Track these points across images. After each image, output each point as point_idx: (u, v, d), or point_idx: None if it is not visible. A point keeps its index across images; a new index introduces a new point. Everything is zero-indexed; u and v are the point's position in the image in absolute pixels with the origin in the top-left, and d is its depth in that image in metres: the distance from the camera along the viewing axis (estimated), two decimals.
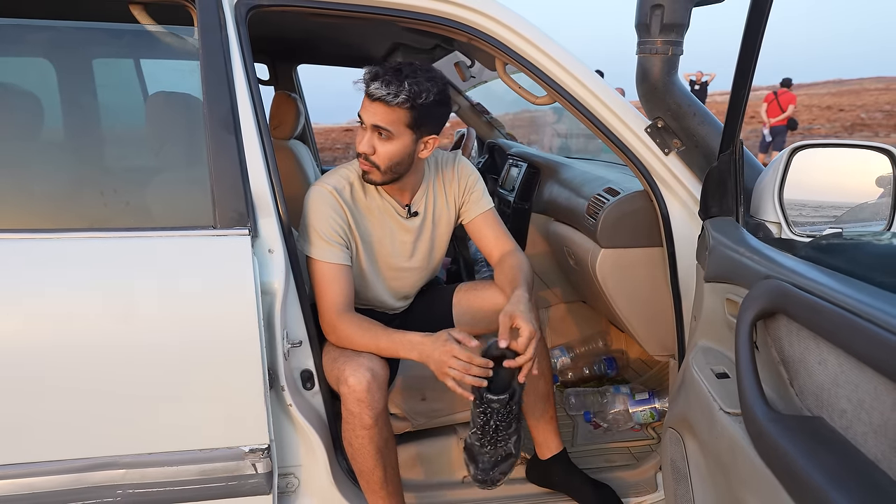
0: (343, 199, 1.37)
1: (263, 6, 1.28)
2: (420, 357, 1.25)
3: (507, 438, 1.29)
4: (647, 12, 1.26)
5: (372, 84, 1.27)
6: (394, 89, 1.26)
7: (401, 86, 1.26)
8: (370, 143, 1.31)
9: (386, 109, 1.28)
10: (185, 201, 1.29)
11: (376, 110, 1.28)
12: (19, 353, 1.10)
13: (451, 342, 1.21)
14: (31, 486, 1.14)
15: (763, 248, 1.01)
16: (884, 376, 0.64)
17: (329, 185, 1.37)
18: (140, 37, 1.43)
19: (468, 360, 1.19)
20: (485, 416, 1.25)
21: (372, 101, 1.28)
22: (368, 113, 1.30)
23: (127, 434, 1.17)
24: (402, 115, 1.29)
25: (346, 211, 1.37)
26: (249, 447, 1.21)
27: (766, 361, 0.91)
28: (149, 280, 1.16)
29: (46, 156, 1.37)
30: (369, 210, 1.43)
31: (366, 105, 1.30)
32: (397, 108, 1.27)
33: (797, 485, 0.72)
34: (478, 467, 1.31)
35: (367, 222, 1.43)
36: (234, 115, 1.22)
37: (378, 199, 1.43)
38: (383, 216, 1.44)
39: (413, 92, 1.26)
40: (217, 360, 1.17)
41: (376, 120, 1.29)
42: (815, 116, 18.57)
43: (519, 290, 1.32)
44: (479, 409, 1.26)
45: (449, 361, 1.20)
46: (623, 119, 1.38)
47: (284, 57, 2.93)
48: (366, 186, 1.42)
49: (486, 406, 1.24)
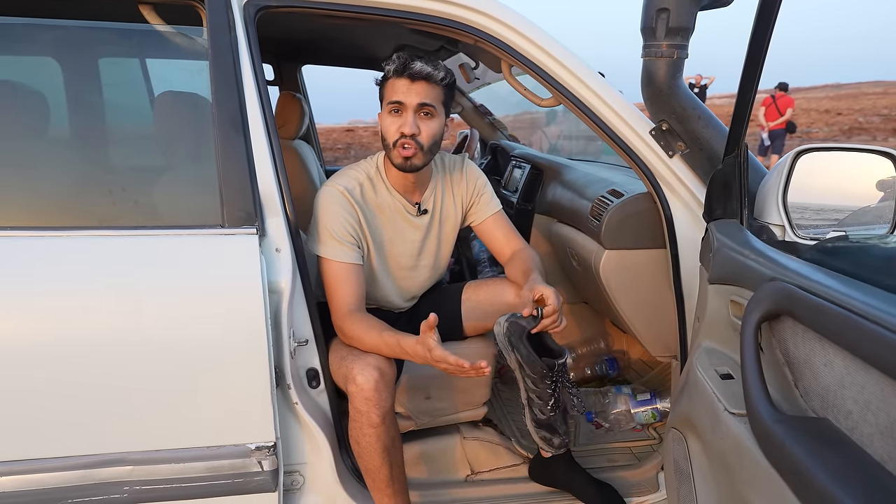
0: (354, 199, 1.38)
1: (272, 7, 1.28)
2: (422, 362, 1.25)
3: (566, 395, 1.36)
4: (652, 16, 1.26)
5: (415, 64, 1.30)
6: (433, 67, 1.31)
7: (437, 65, 1.32)
8: (415, 123, 1.33)
9: (429, 87, 1.32)
10: (193, 200, 1.29)
11: (420, 89, 1.32)
12: (28, 350, 1.10)
13: (425, 338, 1.19)
14: (39, 482, 1.13)
15: (768, 250, 1.01)
16: (891, 378, 0.64)
17: (340, 185, 1.37)
18: (148, 36, 1.43)
19: (448, 363, 1.18)
20: (554, 385, 1.32)
21: (414, 82, 1.31)
22: (412, 93, 1.32)
23: (135, 431, 1.17)
24: (441, 93, 1.35)
25: (357, 211, 1.38)
26: (256, 445, 1.21)
27: (770, 363, 0.91)
28: (157, 278, 1.16)
29: (54, 154, 1.37)
30: (380, 209, 1.44)
31: (406, 87, 1.32)
32: (437, 85, 1.33)
33: (803, 485, 0.72)
34: (560, 433, 1.39)
35: (378, 221, 1.44)
36: (242, 115, 1.23)
37: (388, 197, 1.44)
38: (394, 215, 1.45)
39: (447, 70, 1.34)
40: (224, 358, 1.17)
41: (422, 97, 1.32)
42: (814, 120, 18.59)
43: (534, 274, 1.38)
44: (547, 380, 1.31)
45: (428, 356, 1.20)
46: (627, 121, 1.38)
47: (290, 57, 2.93)
48: (376, 186, 1.43)
49: (554, 374, 1.30)
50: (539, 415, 1.36)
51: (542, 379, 1.29)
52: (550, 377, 1.29)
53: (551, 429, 1.38)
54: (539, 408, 1.34)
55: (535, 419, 1.38)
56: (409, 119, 1.32)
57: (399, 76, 1.32)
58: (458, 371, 1.19)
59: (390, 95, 1.34)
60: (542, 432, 1.39)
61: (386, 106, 1.36)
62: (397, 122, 1.34)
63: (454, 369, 1.19)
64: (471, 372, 1.18)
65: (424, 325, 1.20)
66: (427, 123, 1.34)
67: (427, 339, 1.20)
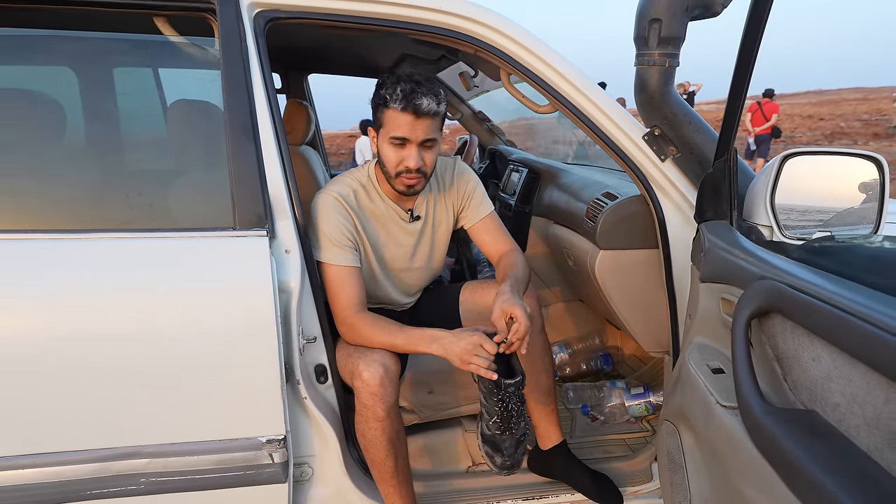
0: (349, 205, 1.36)
1: (281, 18, 1.28)
2: (441, 349, 1.24)
3: (520, 420, 1.31)
4: (645, 26, 1.26)
5: (421, 101, 1.24)
6: (436, 99, 1.27)
7: (437, 94, 1.27)
8: (420, 157, 1.30)
9: (431, 121, 1.28)
10: (206, 204, 1.29)
11: (424, 125, 1.28)
12: (48, 347, 1.10)
13: (480, 335, 1.22)
14: (60, 473, 1.14)
15: (757, 250, 1.01)
16: (877, 372, 0.64)
17: (334, 192, 1.36)
18: (161, 47, 1.43)
19: (490, 353, 1.21)
20: (502, 403, 1.27)
21: (419, 118, 1.26)
22: (418, 130, 1.28)
23: (151, 425, 1.17)
24: (440, 121, 1.32)
25: (352, 215, 1.37)
26: (266, 438, 1.21)
27: (760, 357, 0.92)
28: (172, 278, 1.16)
29: (72, 161, 1.37)
30: (374, 215, 1.42)
31: (410, 124, 1.27)
32: (437, 115, 1.29)
33: (793, 474, 0.72)
34: (503, 454, 1.33)
35: (373, 226, 1.42)
36: (252, 122, 1.23)
37: (382, 205, 1.43)
38: (387, 221, 1.44)
39: (445, 96, 1.30)
40: (236, 354, 1.17)
41: (427, 134, 1.29)
42: (797, 125, 18.60)
43: (503, 285, 1.33)
44: (495, 398, 1.27)
45: (475, 351, 1.21)
46: (621, 127, 1.38)
47: (297, 67, 2.93)
48: (370, 193, 1.42)
49: (503, 393, 1.26)
50: (485, 429, 1.33)
51: (490, 394, 1.27)
52: (498, 395, 1.26)
53: (494, 446, 1.33)
54: (486, 422, 1.32)
55: (481, 432, 1.35)
56: (415, 154, 1.29)
57: (402, 111, 1.26)
58: (485, 364, 1.21)
59: (393, 129, 1.28)
60: (485, 447, 1.35)
61: (388, 138, 1.30)
62: (400, 154, 1.30)
63: (480, 365, 1.21)
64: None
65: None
66: (429, 153, 1.32)
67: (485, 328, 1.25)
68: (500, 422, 1.29)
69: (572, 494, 1.53)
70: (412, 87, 1.25)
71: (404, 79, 1.27)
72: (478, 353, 1.21)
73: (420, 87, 1.25)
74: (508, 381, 1.24)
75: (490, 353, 1.21)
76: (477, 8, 1.32)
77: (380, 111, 1.31)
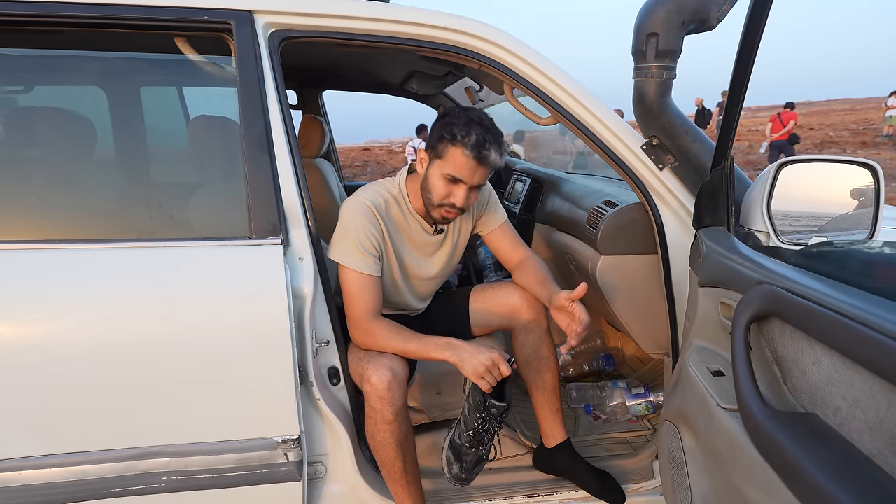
0: (380, 214, 1.34)
1: (294, 37, 1.27)
2: (455, 357, 1.21)
3: (489, 442, 1.29)
4: (643, 40, 1.24)
5: (490, 153, 1.24)
6: (500, 151, 1.26)
7: (501, 144, 1.27)
8: (468, 198, 1.30)
9: (489, 170, 1.28)
10: (223, 214, 1.28)
11: (483, 173, 1.28)
12: (75, 353, 1.09)
13: (500, 355, 1.20)
14: (86, 472, 1.13)
15: (755, 255, 0.98)
16: (878, 376, 0.61)
17: (367, 199, 1.33)
18: (183, 66, 1.43)
19: (504, 375, 1.20)
20: (483, 422, 1.25)
21: (480, 165, 1.25)
22: (476, 175, 1.27)
23: (171, 426, 1.16)
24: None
25: (382, 225, 1.34)
26: (282, 438, 1.19)
27: (759, 361, 0.88)
28: (191, 285, 1.14)
29: (99, 174, 1.36)
30: (401, 226, 1.40)
31: (472, 168, 1.25)
32: (496, 167, 1.29)
33: (795, 477, 0.69)
34: (461, 466, 1.30)
35: (399, 236, 1.40)
36: (268, 136, 1.21)
37: (410, 217, 1.41)
38: (412, 233, 1.42)
39: (505, 147, 1.29)
40: (252, 358, 1.16)
41: (482, 180, 1.29)
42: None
43: (554, 286, 1.38)
44: (478, 414, 1.25)
45: (491, 368, 1.19)
46: (621, 137, 1.36)
47: (311, 84, 2.93)
48: (400, 204, 1.39)
49: (487, 413, 1.24)
50: (456, 437, 1.30)
51: (476, 409, 1.25)
52: (482, 413, 1.24)
53: (458, 455, 1.30)
54: (460, 431, 1.29)
55: (451, 438, 1.32)
56: (464, 194, 1.28)
57: (469, 155, 1.24)
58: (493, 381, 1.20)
59: (452, 167, 1.26)
60: (448, 452, 1.32)
61: (444, 173, 1.28)
62: (450, 189, 1.29)
63: (489, 382, 1.20)
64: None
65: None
66: (475, 194, 1.31)
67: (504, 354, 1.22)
68: (472, 437, 1.27)
69: (576, 491, 1.50)
70: (484, 134, 1.24)
71: (476, 121, 1.25)
72: (492, 372, 1.19)
73: (489, 136, 1.24)
74: (499, 404, 1.23)
75: (504, 374, 1.19)
76: (480, 24, 1.31)
77: (443, 144, 1.27)
